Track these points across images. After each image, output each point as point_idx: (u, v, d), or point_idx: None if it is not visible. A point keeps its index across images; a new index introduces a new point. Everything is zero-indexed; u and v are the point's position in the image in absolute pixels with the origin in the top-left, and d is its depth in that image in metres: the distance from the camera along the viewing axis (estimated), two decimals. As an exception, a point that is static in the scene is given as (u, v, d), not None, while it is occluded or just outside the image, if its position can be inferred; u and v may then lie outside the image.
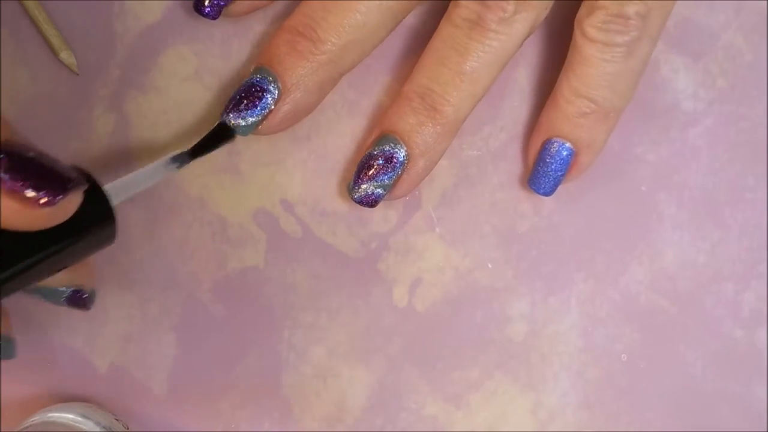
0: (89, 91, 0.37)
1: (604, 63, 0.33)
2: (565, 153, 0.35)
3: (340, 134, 0.37)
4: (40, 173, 0.26)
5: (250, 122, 0.34)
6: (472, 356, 0.37)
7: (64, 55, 0.36)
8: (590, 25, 0.33)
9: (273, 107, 0.34)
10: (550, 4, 0.34)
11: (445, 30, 0.34)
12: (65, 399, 0.37)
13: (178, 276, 0.37)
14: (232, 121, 0.34)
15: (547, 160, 0.35)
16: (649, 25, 0.33)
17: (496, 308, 0.37)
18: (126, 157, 0.37)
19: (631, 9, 0.32)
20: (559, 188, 0.37)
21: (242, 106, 0.34)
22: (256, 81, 0.34)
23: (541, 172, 0.35)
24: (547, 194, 0.36)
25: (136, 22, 0.37)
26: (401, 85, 0.35)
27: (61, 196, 0.26)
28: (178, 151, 0.33)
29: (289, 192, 0.37)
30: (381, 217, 0.37)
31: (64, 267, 0.30)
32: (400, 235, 0.37)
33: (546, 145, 0.35)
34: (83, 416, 0.35)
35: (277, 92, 0.34)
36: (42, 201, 0.26)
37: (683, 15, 0.37)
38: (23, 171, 0.26)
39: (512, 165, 0.37)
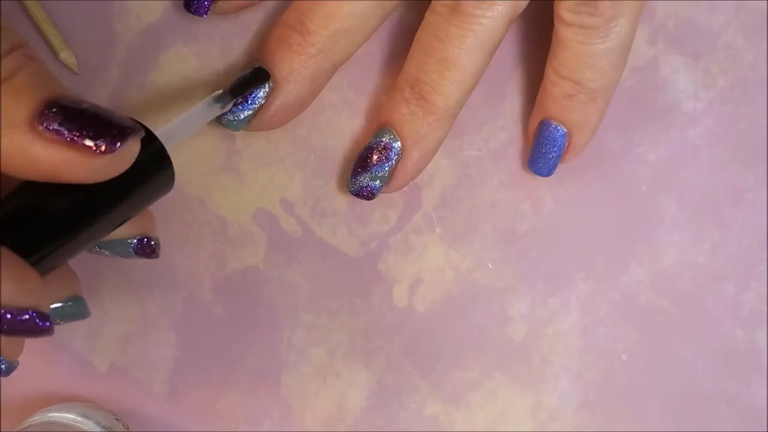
0: (89, 91, 0.37)
1: (581, 45, 0.33)
2: (558, 134, 0.35)
3: (340, 134, 0.37)
4: (96, 122, 0.26)
5: (241, 117, 0.34)
6: (472, 356, 0.37)
7: (64, 55, 0.36)
8: (563, 9, 0.33)
9: (264, 101, 0.34)
10: None
11: (428, 19, 0.34)
12: (65, 399, 0.37)
13: (178, 276, 0.37)
14: (225, 117, 0.34)
15: (542, 142, 0.35)
16: (622, 5, 0.33)
17: (496, 308, 0.37)
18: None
19: None
20: (560, 189, 0.37)
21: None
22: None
23: (538, 154, 0.36)
24: (544, 175, 0.36)
25: (136, 22, 0.37)
26: (401, 84, 0.35)
27: (119, 143, 0.26)
28: (219, 92, 0.33)
29: (289, 192, 0.37)
30: (381, 217, 0.37)
31: (128, 218, 0.30)
32: (400, 235, 0.37)
33: (540, 127, 0.35)
34: (83, 416, 0.35)
35: (268, 86, 0.34)
36: (102, 149, 0.26)
37: (683, 15, 0.37)
38: (79, 122, 0.26)
39: (512, 165, 0.37)
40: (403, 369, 0.37)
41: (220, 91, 0.33)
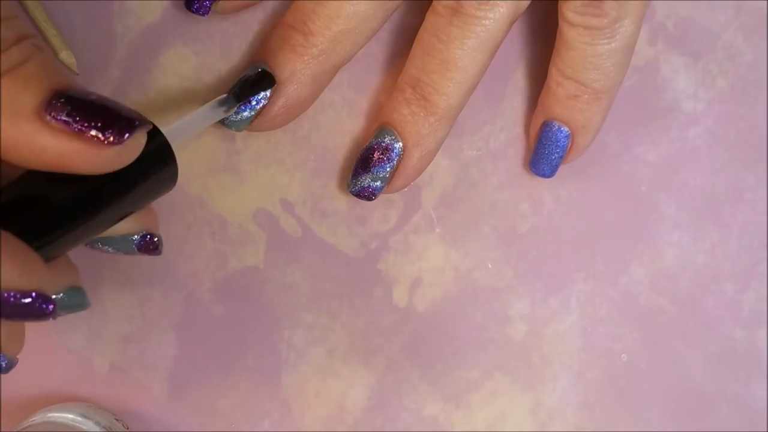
0: (89, 91, 0.37)
1: (585, 46, 0.33)
2: (561, 135, 0.35)
3: (340, 134, 0.37)
4: (104, 114, 0.26)
5: (243, 117, 0.34)
6: (472, 356, 0.37)
7: (64, 55, 0.36)
8: (568, 9, 0.33)
9: (267, 102, 0.34)
10: None
11: (429, 20, 0.34)
12: (65, 399, 0.37)
13: (178, 276, 0.37)
14: (227, 117, 0.34)
15: (545, 143, 0.35)
16: (627, 6, 0.33)
17: (496, 308, 0.37)
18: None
19: None
20: (560, 189, 0.37)
21: None
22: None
23: (540, 155, 0.36)
24: (546, 176, 0.36)
25: (136, 22, 0.37)
26: (401, 84, 0.35)
27: (128, 135, 0.26)
28: (223, 95, 0.33)
29: (289, 192, 0.37)
30: (381, 217, 0.37)
31: (131, 213, 0.30)
32: (400, 235, 0.37)
33: (543, 127, 0.35)
34: (83, 416, 0.35)
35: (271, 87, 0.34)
36: (109, 140, 0.26)
37: (683, 15, 0.37)
38: (86, 112, 0.26)
39: (512, 165, 0.37)
40: (403, 369, 0.38)
41: (225, 95, 0.34)
